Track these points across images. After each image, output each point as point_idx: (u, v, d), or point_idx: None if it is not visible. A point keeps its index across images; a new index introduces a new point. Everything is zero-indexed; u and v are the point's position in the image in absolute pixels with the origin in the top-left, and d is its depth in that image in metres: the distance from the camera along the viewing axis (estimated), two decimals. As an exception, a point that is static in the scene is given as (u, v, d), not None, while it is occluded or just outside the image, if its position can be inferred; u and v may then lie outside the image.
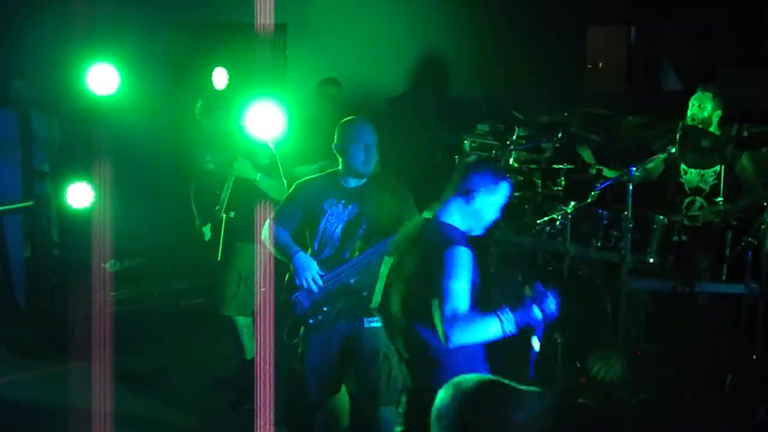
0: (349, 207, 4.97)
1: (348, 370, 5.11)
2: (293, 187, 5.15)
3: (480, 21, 9.61)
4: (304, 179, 5.19)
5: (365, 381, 4.98)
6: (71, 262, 7.45)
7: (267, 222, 5.10)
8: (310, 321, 4.93)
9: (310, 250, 5.01)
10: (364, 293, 4.84)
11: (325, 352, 5.02)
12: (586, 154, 6.98)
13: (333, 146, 5.03)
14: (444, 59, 9.63)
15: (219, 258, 6.22)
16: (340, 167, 5.05)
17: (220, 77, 7.15)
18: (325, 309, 4.90)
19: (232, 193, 6.15)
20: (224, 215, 6.20)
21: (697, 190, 6.52)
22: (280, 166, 6.13)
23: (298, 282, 4.89)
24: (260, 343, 5.61)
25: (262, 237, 5.13)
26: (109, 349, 6.01)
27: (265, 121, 5.74)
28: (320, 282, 4.86)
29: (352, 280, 4.88)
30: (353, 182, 5.02)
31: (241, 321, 6.16)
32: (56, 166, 7.86)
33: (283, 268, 5.05)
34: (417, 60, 9.60)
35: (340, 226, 4.96)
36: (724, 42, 8.86)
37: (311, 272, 4.86)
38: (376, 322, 4.89)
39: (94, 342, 6.09)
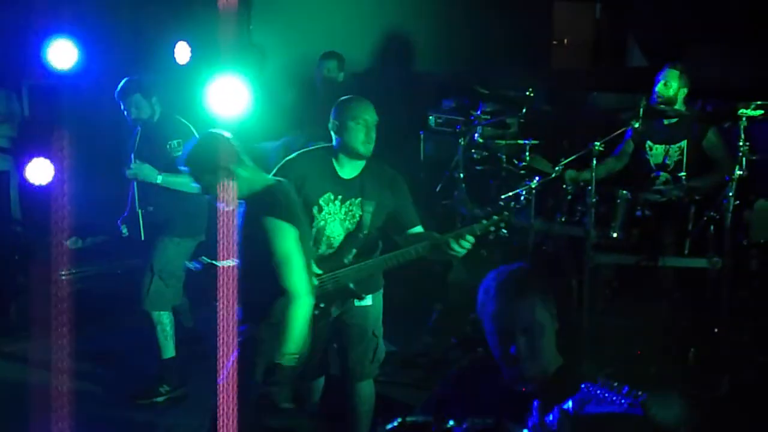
0: (347, 204, 4.74)
1: (329, 347, 5.03)
2: (282, 165, 4.79)
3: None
4: (292, 158, 4.84)
5: (351, 357, 4.92)
6: (33, 239, 7.37)
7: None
8: None
9: None
10: (364, 295, 4.78)
11: (316, 340, 4.79)
12: (541, 164, 6.96)
13: (329, 126, 4.79)
14: (409, 34, 9.58)
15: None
16: (335, 147, 4.78)
17: (182, 52, 7.07)
18: (322, 305, 4.65)
19: (144, 188, 6.00)
20: (140, 210, 6.07)
21: (662, 166, 6.55)
22: None
23: None
24: (222, 318, 5.56)
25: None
26: (71, 326, 5.96)
27: (229, 96, 5.68)
28: (316, 282, 4.56)
29: (351, 284, 4.70)
30: (349, 170, 4.76)
31: (155, 317, 6.02)
32: (17, 142, 7.75)
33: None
34: (382, 35, 9.54)
35: (339, 231, 4.75)
36: (689, 18, 8.87)
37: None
38: (365, 301, 4.82)
39: (56, 319, 6.03)
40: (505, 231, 4.58)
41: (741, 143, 5.89)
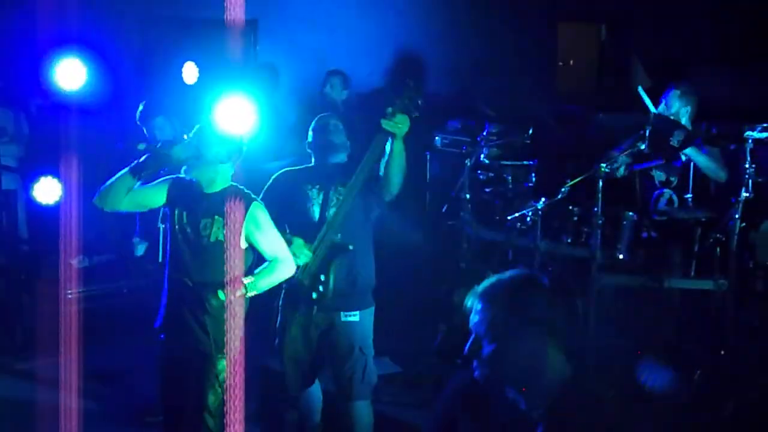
0: (324, 191, 5.03)
1: (324, 363, 5.12)
2: (272, 178, 5.16)
3: (451, 17, 9.60)
4: (282, 171, 5.21)
5: (340, 375, 5.01)
6: (39, 258, 7.38)
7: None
8: (314, 295, 4.90)
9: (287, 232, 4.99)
10: (351, 247, 4.92)
11: (305, 342, 5.03)
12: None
13: (307, 149, 5.18)
14: (415, 55, 9.62)
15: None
16: (313, 160, 5.16)
17: (190, 72, 7.10)
18: (322, 278, 4.88)
19: None
20: (161, 225, 6.07)
21: (666, 183, 6.56)
22: None
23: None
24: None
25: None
26: (77, 345, 5.97)
27: (236, 116, 5.71)
28: (310, 252, 4.87)
29: (338, 236, 4.90)
30: (328, 171, 5.08)
31: None
32: (24, 161, 7.78)
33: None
34: (388, 56, 9.58)
35: (316, 205, 5.02)
36: (693, 39, 8.90)
37: (301, 248, 4.87)
38: (353, 317, 4.93)
39: (62, 339, 6.04)
40: (419, 102, 5.05)
41: (747, 165, 5.91)
